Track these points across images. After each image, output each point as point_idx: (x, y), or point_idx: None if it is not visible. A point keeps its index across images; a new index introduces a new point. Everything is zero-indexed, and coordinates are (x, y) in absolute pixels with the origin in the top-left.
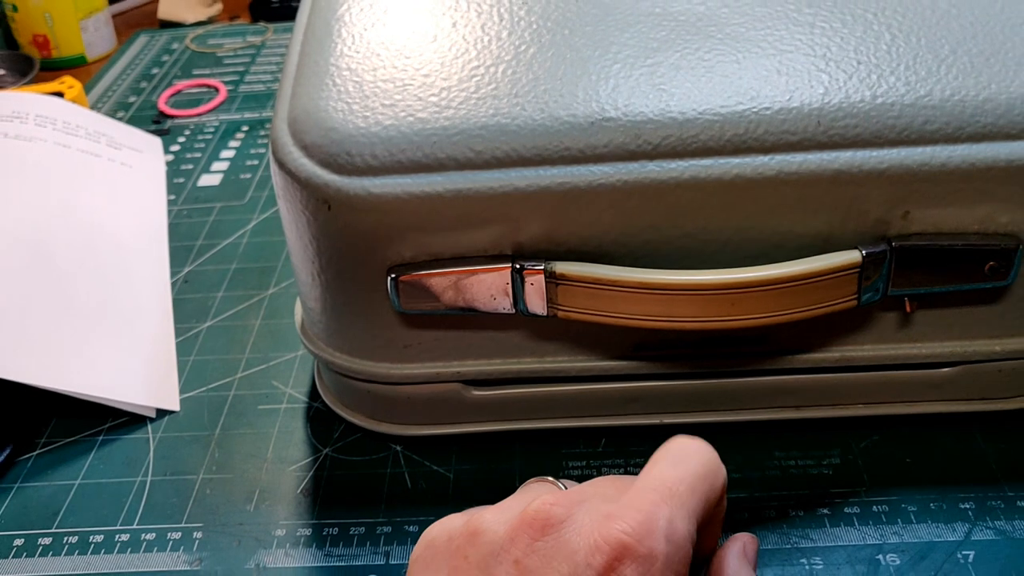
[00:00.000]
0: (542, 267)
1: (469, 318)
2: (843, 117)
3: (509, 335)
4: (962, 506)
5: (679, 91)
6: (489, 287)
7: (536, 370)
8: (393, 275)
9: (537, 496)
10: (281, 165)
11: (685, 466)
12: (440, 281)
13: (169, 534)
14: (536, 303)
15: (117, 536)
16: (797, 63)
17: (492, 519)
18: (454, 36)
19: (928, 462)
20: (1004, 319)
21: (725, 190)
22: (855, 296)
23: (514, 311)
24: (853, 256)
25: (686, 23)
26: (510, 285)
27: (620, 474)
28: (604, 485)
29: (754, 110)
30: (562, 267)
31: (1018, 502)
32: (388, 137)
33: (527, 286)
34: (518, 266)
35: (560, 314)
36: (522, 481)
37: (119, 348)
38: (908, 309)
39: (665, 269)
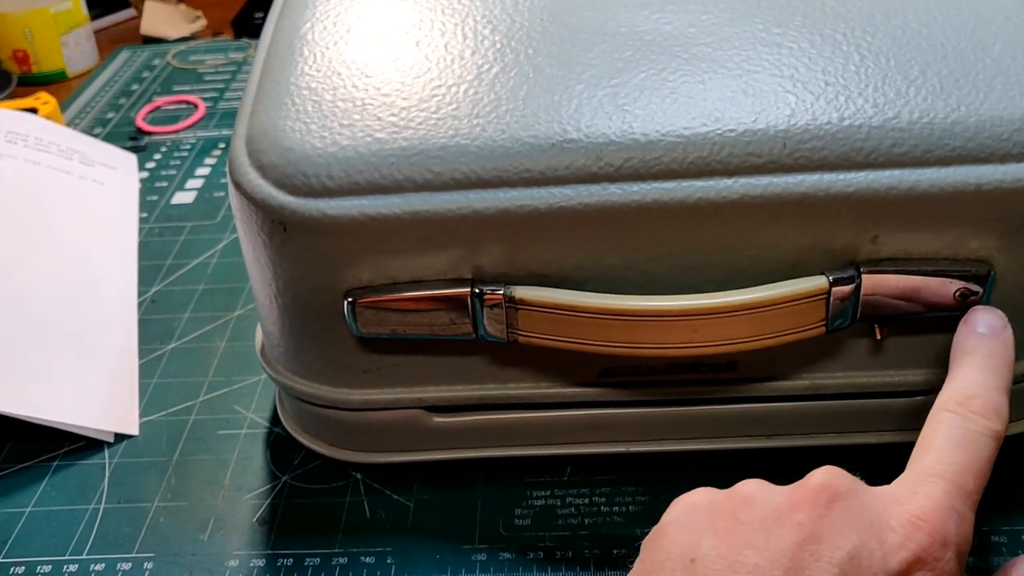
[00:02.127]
0: (502, 291)
1: (429, 343)
2: (809, 139)
3: (470, 360)
4: None
5: (642, 112)
6: (448, 311)
7: (498, 396)
8: (350, 299)
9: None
10: (237, 185)
11: (971, 449)
12: (398, 305)
13: (119, 564)
14: (496, 328)
15: (65, 567)
16: (763, 84)
17: (763, 489)
18: (416, 55)
19: None
20: None
21: (688, 214)
22: (823, 323)
23: (474, 336)
24: (820, 282)
25: (652, 43)
26: (470, 309)
27: (585, 504)
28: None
29: (718, 132)
30: (522, 291)
31: (992, 536)
32: (345, 158)
33: (486, 311)
34: (477, 290)
35: (520, 339)
36: (484, 510)
37: (79, 370)
38: (878, 336)
39: (628, 294)
